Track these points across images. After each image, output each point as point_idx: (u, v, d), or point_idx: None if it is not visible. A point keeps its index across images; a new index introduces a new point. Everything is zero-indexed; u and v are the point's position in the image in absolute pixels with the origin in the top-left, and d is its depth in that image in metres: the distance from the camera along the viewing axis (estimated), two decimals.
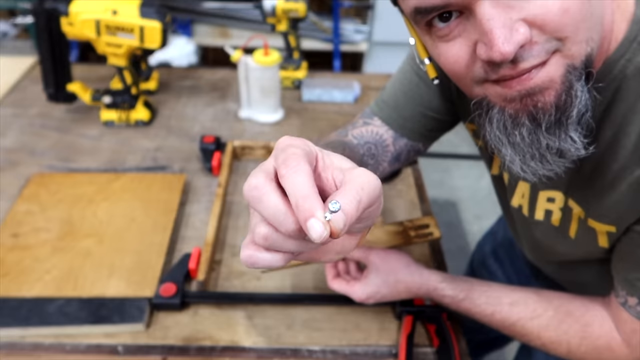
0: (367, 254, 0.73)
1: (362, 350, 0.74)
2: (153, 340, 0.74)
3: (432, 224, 0.85)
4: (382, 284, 0.71)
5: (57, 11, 1.02)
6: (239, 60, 1.14)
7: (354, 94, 1.32)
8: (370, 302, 0.73)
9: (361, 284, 0.72)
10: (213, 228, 0.87)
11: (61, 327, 0.73)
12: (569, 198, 0.59)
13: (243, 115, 1.23)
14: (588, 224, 0.58)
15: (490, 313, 0.66)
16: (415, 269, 0.71)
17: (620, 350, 0.60)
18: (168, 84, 1.36)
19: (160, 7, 1.05)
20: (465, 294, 0.68)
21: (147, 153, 1.11)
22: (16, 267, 0.81)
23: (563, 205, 0.60)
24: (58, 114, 1.22)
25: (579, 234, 0.60)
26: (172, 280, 0.79)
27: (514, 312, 0.65)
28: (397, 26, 3.08)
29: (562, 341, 0.62)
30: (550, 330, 0.63)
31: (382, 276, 0.71)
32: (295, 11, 1.26)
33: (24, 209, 0.92)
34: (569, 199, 0.59)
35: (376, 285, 0.71)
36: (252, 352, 0.73)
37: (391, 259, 0.72)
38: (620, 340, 0.60)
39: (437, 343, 0.73)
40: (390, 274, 0.71)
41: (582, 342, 0.61)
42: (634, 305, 0.57)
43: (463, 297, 0.68)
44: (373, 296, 0.71)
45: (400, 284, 0.70)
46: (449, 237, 2.25)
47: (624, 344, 0.59)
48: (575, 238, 0.61)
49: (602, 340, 0.61)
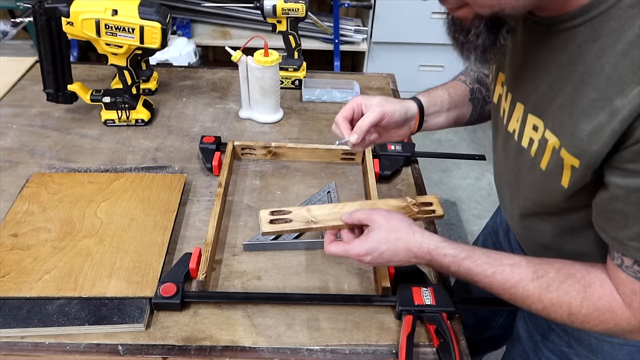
0: (370, 213, 0.73)
1: (362, 350, 0.74)
2: (153, 340, 0.74)
3: (435, 202, 0.85)
4: (383, 240, 0.70)
5: (57, 11, 1.02)
6: (240, 60, 1.14)
7: (354, 94, 1.32)
8: (367, 260, 0.70)
9: (360, 240, 0.71)
10: (213, 228, 0.87)
11: (61, 327, 0.73)
12: (547, 129, 0.61)
13: (243, 115, 1.23)
14: (560, 154, 0.59)
15: (491, 273, 0.65)
16: (417, 229, 0.71)
17: (622, 312, 0.59)
18: (168, 84, 1.36)
19: (160, 7, 1.05)
20: (466, 253, 0.68)
21: (147, 153, 1.11)
22: (16, 267, 0.81)
23: (541, 136, 0.62)
24: (58, 114, 1.22)
25: (549, 166, 0.61)
26: (173, 280, 0.79)
27: (515, 272, 0.64)
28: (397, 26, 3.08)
29: (563, 302, 0.61)
30: (551, 291, 0.62)
31: (383, 233, 0.70)
32: (295, 11, 1.26)
33: (24, 209, 0.92)
34: (547, 130, 0.61)
35: (376, 241, 0.70)
36: (252, 352, 0.73)
37: (394, 218, 0.72)
38: (622, 302, 0.59)
39: (437, 343, 0.73)
40: (392, 231, 0.70)
41: (583, 303, 0.60)
42: (630, 265, 0.57)
43: (464, 256, 0.67)
44: (371, 252, 0.69)
45: (401, 242, 0.70)
46: (449, 237, 2.24)
47: (625, 305, 0.59)
48: (546, 170, 0.62)
49: (603, 301, 0.60)
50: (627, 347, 0.79)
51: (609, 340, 0.78)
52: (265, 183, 1.04)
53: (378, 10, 2.55)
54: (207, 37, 2.60)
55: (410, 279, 0.81)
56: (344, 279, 0.84)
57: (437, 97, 0.86)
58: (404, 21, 2.58)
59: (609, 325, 0.61)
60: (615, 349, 0.79)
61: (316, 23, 1.70)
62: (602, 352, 0.80)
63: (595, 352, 0.81)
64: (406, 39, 2.65)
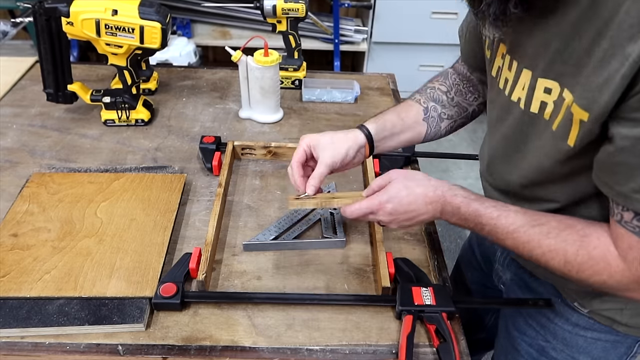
0: (388, 173, 0.78)
1: (362, 350, 0.74)
2: (153, 340, 0.74)
3: None
4: (402, 187, 0.74)
5: (57, 11, 1.02)
6: (239, 60, 1.14)
7: (354, 94, 1.32)
8: (389, 209, 0.74)
9: (380, 192, 0.75)
10: (213, 228, 0.87)
11: (61, 327, 0.73)
12: (564, 88, 0.61)
13: (243, 115, 1.23)
14: (571, 110, 0.60)
15: (497, 216, 0.68)
16: (431, 177, 0.76)
17: (616, 263, 0.60)
18: (168, 84, 1.36)
19: (160, 7, 1.05)
20: (476, 196, 0.72)
21: (147, 153, 1.11)
22: (16, 267, 0.81)
23: (557, 97, 0.63)
24: (58, 114, 1.22)
25: (559, 126, 0.62)
26: (173, 280, 0.79)
27: (519, 217, 0.67)
28: (397, 26, 3.08)
29: (559, 249, 0.64)
30: (550, 237, 0.64)
31: (402, 181, 0.75)
32: (295, 11, 1.26)
33: (24, 209, 0.92)
34: (564, 89, 0.61)
35: (396, 189, 0.74)
36: (252, 352, 0.73)
37: (410, 171, 0.78)
38: (617, 254, 0.60)
39: (437, 343, 0.73)
40: (409, 179, 0.75)
41: (579, 251, 0.62)
42: (629, 220, 0.58)
43: (474, 198, 0.71)
44: (391, 199, 0.73)
45: (419, 188, 0.74)
46: (449, 237, 2.25)
47: (620, 258, 0.60)
48: (556, 130, 0.63)
49: (598, 250, 0.61)
50: (600, 342, 0.81)
51: (582, 335, 0.80)
52: (265, 183, 1.04)
53: (378, 10, 2.56)
54: (207, 37, 2.60)
55: (411, 279, 0.81)
56: (344, 279, 0.84)
57: (387, 122, 0.87)
58: (404, 21, 2.58)
59: (603, 276, 0.62)
60: (589, 344, 0.81)
61: (316, 23, 1.70)
62: (576, 346, 0.82)
63: (570, 346, 0.83)
64: (406, 39, 2.66)
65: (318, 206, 0.81)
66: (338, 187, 1.03)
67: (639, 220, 0.57)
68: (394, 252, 0.88)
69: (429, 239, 0.93)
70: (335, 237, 0.91)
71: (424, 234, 0.94)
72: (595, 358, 0.83)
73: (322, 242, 0.90)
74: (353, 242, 0.92)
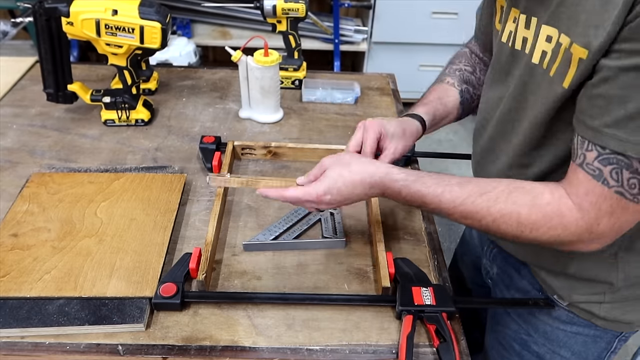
0: (322, 161, 0.74)
1: (362, 350, 0.74)
2: (153, 340, 0.74)
3: None
4: (338, 177, 0.71)
5: (57, 11, 1.02)
6: (239, 60, 1.14)
7: (354, 94, 1.32)
8: (327, 200, 0.71)
9: (316, 182, 0.72)
10: (213, 228, 0.87)
11: (61, 327, 0.73)
12: (561, 33, 0.61)
13: (243, 115, 1.23)
14: (570, 50, 0.59)
15: (440, 192, 0.67)
16: (367, 160, 0.73)
17: (571, 214, 0.60)
18: (168, 84, 1.36)
19: (160, 7, 1.05)
20: (416, 177, 0.69)
21: (147, 153, 1.11)
22: (16, 267, 0.81)
23: (555, 43, 0.62)
24: (58, 114, 1.22)
25: (558, 69, 0.62)
26: (173, 280, 0.79)
27: (464, 189, 0.66)
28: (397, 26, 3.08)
29: (512, 212, 0.63)
30: (499, 202, 0.63)
31: (337, 169, 0.71)
32: (295, 11, 1.26)
33: (24, 209, 0.92)
34: (561, 35, 0.61)
35: (332, 178, 0.71)
36: (252, 352, 0.73)
37: (344, 156, 0.74)
38: (572, 205, 0.60)
39: (437, 343, 0.73)
40: (345, 166, 0.71)
41: (531, 210, 0.62)
42: (591, 161, 0.57)
43: (414, 179, 0.69)
44: (329, 191, 0.70)
45: (356, 175, 0.71)
46: (449, 237, 2.25)
47: (575, 207, 0.60)
48: (553, 76, 0.63)
49: (551, 206, 0.61)
50: (580, 336, 0.82)
51: (563, 329, 0.82)
52: None
53: (378, 10, 2.56)
54: (207, 37, 2.60)
55: (411, 279, 0.82)
56: (344, 279, 0.84)
57: (436, 110, 0.90)
58: (404, 21, 2.58)
59: (558, 230, 0.61)
60: (569, 338, 0.83)
61: (316, 23, 1.70)
62: (557, 340, 0.84)
63: (551, 340, 0.84)
64: (406, 39, 2.66)
65: (242, 185, 0.80)
66: None
67: (601, 161, 0.57)
68: (394, 252, 0.88)
69: (429, 239, 0.93)
70: (335, 237, 0.91)
71: (424, 233, 0.94)
72: (576, 353, 0.84)
73: (322, 242, 0.90)
74: (353, 242, 0.92)
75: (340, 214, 0.96)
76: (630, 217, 0.59)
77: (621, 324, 0.79)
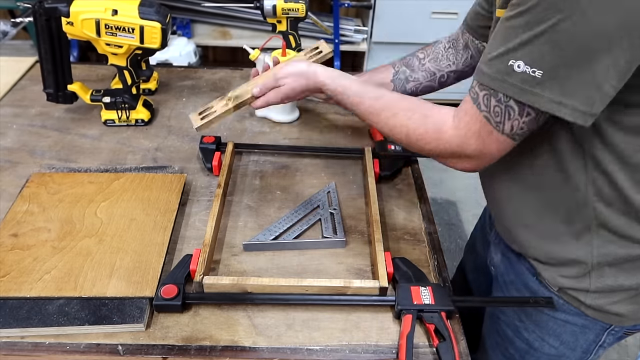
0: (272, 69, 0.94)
1: (362, 350, 0.74)
2: (153, 340, 0.74)
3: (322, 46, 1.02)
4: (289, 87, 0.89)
5: (57, 11, 1.02)
6: (257, 59, 1.15)
7: None
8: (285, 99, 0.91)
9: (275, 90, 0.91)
10: (211, 229, 0.87)
11: (61, 327, 0.73)
12: None
13: (260, 114, 1.23)
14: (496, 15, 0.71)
15: (357, 102, 0.82)
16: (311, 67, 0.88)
17: (448, 130, 0.71)
18: (168, 84, 1.36)
19: (160, 7, 1.05)
20: (342, 89, 0.85)
21: (147, 153, 1.11)
22: (16, 267, 0.81)
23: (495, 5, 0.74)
24: (58, 114, 1.22)
25: None
26: (173, 282, 0.79)
27: (377, 103, 0.80)
28: (397, 26, 3.07)
29: (403, 125, 0.76)
30: (398, 117, 0.77)
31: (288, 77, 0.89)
32: (295, 11, 1.26)
33: (24, 209, 0.92)
34: None
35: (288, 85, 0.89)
36: (252, 352, 0.74)
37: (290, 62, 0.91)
38: (451, 122, 0.71)
39: (436, 342, 0.74)
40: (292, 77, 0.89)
41: (419, 126, 0.74)
42: (475, 85, 0.67)
43: (341, 91, 0.85)
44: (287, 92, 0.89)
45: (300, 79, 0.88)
46: (449, 237, 2.25)
47: (453, 124, 0.71)
48: None
49: (434, 121, 0.73)
50: (569, 325, 0.83)
51: (552, 315, 0.83)
52: (265, 183, 1.04)
53: (378, 10, 2.56)
54: (207, 37, 2.60)
55: (409, 278, 0.82)
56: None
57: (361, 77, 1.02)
58: (404, 21, 2.58)
59: (438, 143, 0.73)
60: (559, 326, 0.84)
61: (316, 23, 1.70)
62: (546, 327, 0.85)
63: (541, 328, 0.86)
64: (406, 39, 2.65)
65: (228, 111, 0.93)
66: (338, 187, 1.03)
67: (479, 87, 0.66)
68: (394, 252, 0.88)
69: (429, 239, 0.93)
70: (335, 237, 0.91)
71: (423, 233, 0.94)
72: (564, 342, 0.85)
73: (322, 242, 0.90)
74: (353, 242, 0.92)
75: (340, 214, 0.96)
76: (494, 145, 0.68)
77: (610, 315, 0.79)
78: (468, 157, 0.71)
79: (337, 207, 0.98)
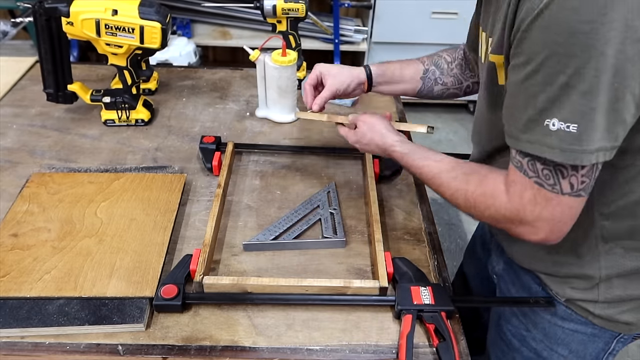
0: (358, 116, 0.95)
1: (361, 350, 0.74)
2: (153, 340, 0.74)
3: None
4: (362, 135, 0.91)
5: (57, 11, 1.02)
6: (257, 59, 1.15)
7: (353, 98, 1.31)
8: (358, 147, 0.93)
9: (354, 131, 0.94)
10: (211, 229, 0.87)
11: (61, 327, 0.73)
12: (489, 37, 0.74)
13: (260, 114, 1.24)
14: (491, 59, 0.71)
15: (422, 165, 0.82)
16: (385, 131, 0.89)
17: (501, 197, 0.69)
18: (168, 84, 1.36)
19: (160, 7, 1.05)
20: (408, 150, 0.85)
21: (147, 153, 1.11)
22: (16, 267, 0.81)
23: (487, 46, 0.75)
24: (58, 114, 1.22)
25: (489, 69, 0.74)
26: (173, 282, 0.79)
27: (437, 166, 0.80)
28: (397, 26, 3.07)
29: (463, 189, 0.75)
30: (457, 180, 0.76)
31: (365, 128, 0.91)
32: (295, 11, 1.26)
33: (24, 209, 0.92)
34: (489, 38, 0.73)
35: (362, 133, 0.91)
36: (252, 352, 0.74)
37: (374, 119, 0.92)
38: (503, 188, 0.69)
39: (436, 342, 0.74)
40: (368, 131, 0.91)
41: (476, 189, 0.72)
42: (515, 155, 0.66)
43: (407, 152, 0.85)
44: (360, 141, 0.92)
45: (376, 136, 0.89)
46: (449, 237, 2.25)
47: (504, 192, 0.69)
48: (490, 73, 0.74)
49: (490, 187, 0.71)
50: (578, 334, 0.82)
51: (561, 325, 0.82)
52: (265, 183, 1.04)
53: (378, 10, 2.55)
54: (207, 37, 2.60)
55: (409, 278, 0.82)
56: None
57: (388, 69, 1.02)
58: (404, 21, 2.58)
59: (491, 210, 0.70)
60: (567, 335, 0.83)
61: (316, 23, 1.70)
62: (554, 337, 0.85)
63: (549, 337, 0.85)
64: (406, 39, 2.65)
65: (324, 119, 1.00)
66: (338, 187, 1.03)
67: (520, 155, 0.65)
68: (394, 252, 0.88)
69: (429, 239, 0.93)
70: (335, 237, 0.91)
71: (423, 233, 0.94)
72: (573, 351, 0.84)
73: (322, 242, 0.90)
74: (353, 242, 0.92)
75: (340, 214, 0.96)
76: (558, 208, 0.64)
77: (619, 324, 0.79)
78: (530, 225, 0.66)
79: (337, 207, 0.98)
